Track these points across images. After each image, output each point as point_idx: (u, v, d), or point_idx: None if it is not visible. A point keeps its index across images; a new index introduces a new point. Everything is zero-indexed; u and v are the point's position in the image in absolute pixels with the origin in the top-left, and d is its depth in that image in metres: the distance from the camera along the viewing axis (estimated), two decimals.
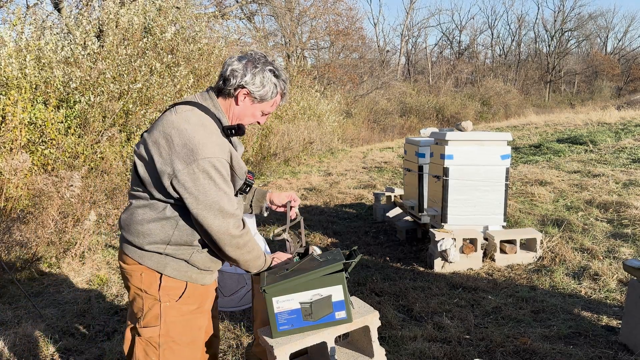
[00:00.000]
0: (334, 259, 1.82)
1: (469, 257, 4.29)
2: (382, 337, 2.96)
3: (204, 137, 1.60)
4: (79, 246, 4.59)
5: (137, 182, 1.72)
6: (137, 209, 1.72)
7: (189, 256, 1.73)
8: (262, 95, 1.73)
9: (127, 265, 1.76)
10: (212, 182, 1.59)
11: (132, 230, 1.72)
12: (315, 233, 5.67)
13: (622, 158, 8.91)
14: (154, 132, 1.67)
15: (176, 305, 1.74)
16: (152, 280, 1.72)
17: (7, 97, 5.46)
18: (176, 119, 1.65)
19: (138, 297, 1.75)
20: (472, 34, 51.51)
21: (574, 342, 2.92)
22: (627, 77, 44.82)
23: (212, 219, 1.60)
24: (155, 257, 1.71)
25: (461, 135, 4.53)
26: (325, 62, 24.53)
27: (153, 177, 1.65)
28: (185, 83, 8.24)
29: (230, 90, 1.72)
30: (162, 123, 1.68)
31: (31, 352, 2.95)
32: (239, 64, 1.70)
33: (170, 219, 1.69)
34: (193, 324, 1.80)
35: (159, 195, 1.67)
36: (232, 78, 1.70)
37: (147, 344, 1.74)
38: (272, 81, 1.74)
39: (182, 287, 1.74)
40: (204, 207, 1.59)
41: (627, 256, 4.32)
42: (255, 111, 1.78)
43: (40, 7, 8.98)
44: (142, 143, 1.71)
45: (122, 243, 1.79)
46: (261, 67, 1.71)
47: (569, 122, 15.67)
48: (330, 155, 13.67)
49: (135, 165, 1.71)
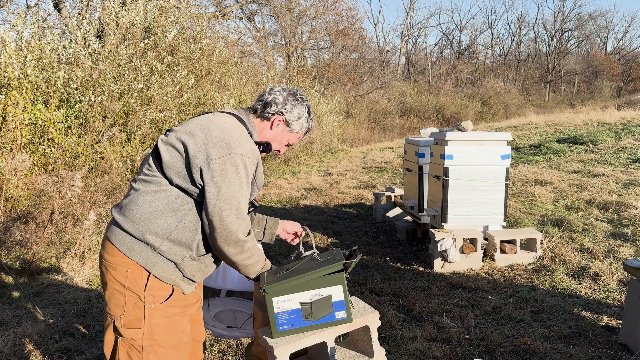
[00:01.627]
0: (334, 259, 1.82)
1: (469, 257, 4.29)
2: (382, 337, 2.96)
3: (241, 137, 1.73)
4: (79, 246, 4.59)
5: (157, 166, 1.72)
6: (145, 195, 1.69)
7: (181, 259, 1.71)
8: (294, 125, 1.90)
9: (112, 257, 1.70)
10: (238, 177, 1.66)
11: (132, 215, 1.68)
12: (315, 233, 5.68)
13: (622, 158, 8.91)
14: (189, 125, 1.75)
15: (161, 307, 1.71)
16: (139, 278, 1.68)
17: (7, 97, 5.47)
18: (215, 119, 1.77)
19: (119, 293, 1.69)
20: (472, 34, 51.54)
21: (574, 342, 2.92)
22: (627, 77, 44.80)
23: (227, 214, 1.63)
24: (147, 251, 1.68)
25: (461, 135, 4.53)
26: (325, 62, 24.52)
27: (180, 162, 1.68)
28: (186, 83, 8.24)
29: (269, 115, 1.86)
30: (198, 120, 1.77)
31: (31, 352, 2.95)
32: (281, 94, 1.88)
33: (179, 210, 1.68)
34: (177, 326, 1.77)
35: (179, 181, 1.68)
36: (274, 104, 1.86)
37: (130, 347, 1.70)
38: (305, 116, 1.92)
39: (169, 290, 1.73)
40: (223, 199, 1.63)
41: (627, 256, 4.32)
42: (283, 139, 1.93)
43: (40, 7, 8.98)
44: (173, 133, 1.75)
45: (111, 232, 1.72)
46: (300, 101, 1.90)
47: (569, 122, 15.67)
48: (330, 155, 13.67)
49: (159, 150, 1.72)
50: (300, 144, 12.61)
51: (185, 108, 8.45)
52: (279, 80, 15.68)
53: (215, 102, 9.26)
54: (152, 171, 1.72)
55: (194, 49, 8.88)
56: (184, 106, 8.41)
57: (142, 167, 1.78)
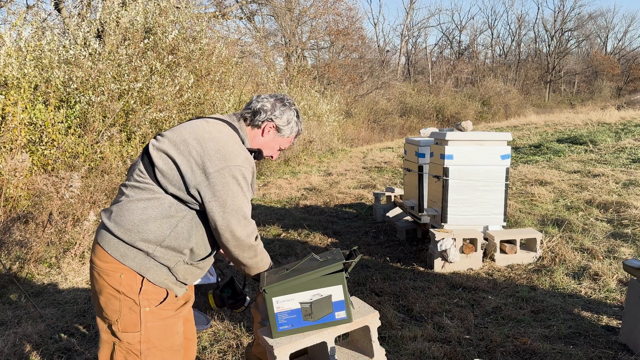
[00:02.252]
0: (334, 259, 1.82)
1: (469, 257, 4.29)
2: (382, 337, 2.96)
3: (236, 148, 1.74)
4: (78, 246, 4.59)
5: (149, 173, 1.70)
6: (137, 202, 1.68)
7: (174, 264, 1.72)
8: (284, 130, 1.93)
9: (104, 264, 1.69)
10: (240, 187, 1.69)
11: (125, 222, 1.67)
12: (315, 233, 5.68)
13: (622, 158, 8.91)
14: (182, 132, 1.74)
15: (156, 310, 1.71)
16: (132, 282, 1.68)
17: (6, 97, 5.46)
18: (208, 127, 1.77)
19: (114, 298, 1.68)
20: (472, 34, 51.56)
21: (574, 342, 2.92)
22: (627, 77, 44.82)
23: (235, 225, 1.68)
24: (140, 257, 1.67)
25: (461, 135, 4.53)
26: (325, 62, 24.53)
27: (175, 171, 1.68)
28: (186, 83, 8.24)
29: (259, 122, 1.89)
30: (191, 127, 1.76)
31: (31, 352, 2.95)
32: (268, 101, 1.91)
33: (172, 218, 1.68)
34: (172, 328, 1.78)
35: (174, 190, 1.68)
36: (263, 112, 1.89)
37: (127, 351, 1.70)
38: (295, 120, 1.95)
39: (163, 294, 1.73)
40: (230, 212, 1.66)
41: (627, 256, 4.32)
42: (275, 144, 1.96)
43: (40, 7, 8.98)
44: (165, 139, 1.73)
45: (102, 238, 1.71)
46: (288, 106, 1.93)
47: (569, 122, 15.67)
48: (330, 155, 13.67)
49: (151, 157, 1.70)
50: (300, 144, 12.61)
51: (185, 108, 8.45)
52: (279, 80, 15.68)
53: (215, 101, 9.26)
54: (144, 178, 1.71)
55: (193, 49, 8.88)
56: (184, 106, 8.41)
57: (132, 173, 1.76)
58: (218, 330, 3.21)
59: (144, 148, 1.79)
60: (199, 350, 2.95)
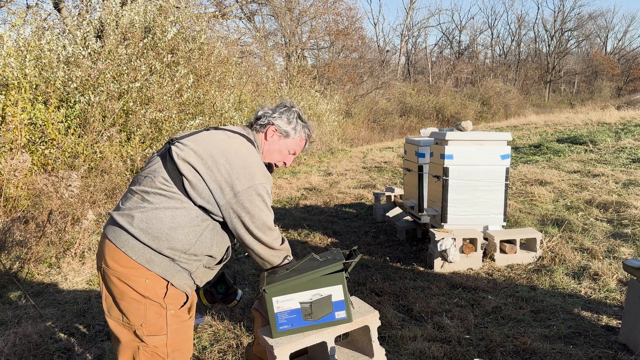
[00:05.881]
0: (334, 259, 1.82)
1: (469, 257, 4.29)
2: (382, 337, 2.96)
3: (259, 165, 1.80)
4: (78, 246, 4.59)
5: (178, 184, 1.70)
6: (165, 210, 1.68)
7: (195, 268, 1.76)
8: (287, 131, 1.95)
9: (127, 269, 1.67)
10: (265, 203, 1.77)
11: (152, 231, 1.66)
12: (315, 233, 5.68)
13: (622, 158, 8.91)
14: (206, 145, 1.76)
15: (179, 313, 1.76)
16: (158, 287, 1.69)
17: (7, 97, 5.46)
18: (232, 142, 1.81)
19: (137, 303, 1.67)
20: (472, 34, 51.56)
21: (574, 342, 2.92)
22: (627, 77, 44.84)
23: (263, 238, 1.79)
24: (166, 263, 1.69)
25: (461, 135, 4.53)
26: (325, 62, 24.53)
27: (203, 184, 1.71)
28: (185, 82, 8.24)
29: (261, 126, 1.94)
30: (214, 140, 1.79)
31: (31, 352, 2.95)
32: (270, 107, 1.99)
33: (198, 227, 1.72)
34: (188, 331, 1.83)
35: (203, 203, 1.71)
36: (264, 117, 1.95)
37: (153, 354, 1.71)
38: (297, 120, 1.98)
39: (184, 297, 1.78)
40: (257, 227, 1.75)
41: (627, 256, 4.32)
42: (282, 148, 1.98)
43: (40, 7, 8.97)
44: (189, 149, 1.74)
45: (125, 243, 1.68)
46: (288, 108, 1.98)
47: (569, 122, 15.67)
48: (330, 155, 13.67)
49: (178, 168, 1.71)
50: None
51: (185, 107, 8.45)
52: (279, 80, 15.67)
53: (214, 101, 9.26)
54: (169, 187, 1.71)
55: (192, 48, 8.87)
56: (184, 106, 8.41)
57: (154, 179, 1.73)
58: (218, 330, 3.21)
59: (162, 153, 1.78)
60: (199, 350, 2.95)
